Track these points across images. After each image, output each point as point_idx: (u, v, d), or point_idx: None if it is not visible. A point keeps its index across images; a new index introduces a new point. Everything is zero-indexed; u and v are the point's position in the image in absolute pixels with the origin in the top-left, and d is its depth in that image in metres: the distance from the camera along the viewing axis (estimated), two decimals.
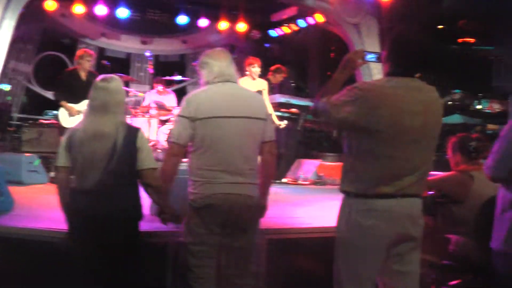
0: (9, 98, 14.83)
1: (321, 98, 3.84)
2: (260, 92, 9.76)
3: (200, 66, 4.66)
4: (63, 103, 9.61)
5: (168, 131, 9.21)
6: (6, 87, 14.69)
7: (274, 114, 10.02)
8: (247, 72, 10.30)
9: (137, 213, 4.47)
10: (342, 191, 3.83)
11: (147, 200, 4.60)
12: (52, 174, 9.44)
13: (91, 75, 9.46)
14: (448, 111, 11.48)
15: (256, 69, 10.31)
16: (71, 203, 4.36)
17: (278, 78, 11.99)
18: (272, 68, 12.07)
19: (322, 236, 5.75)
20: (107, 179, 4.25)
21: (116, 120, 4.35)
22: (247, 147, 4.44)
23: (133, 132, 4.41)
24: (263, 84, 10.46)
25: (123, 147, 4.28)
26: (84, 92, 5.00)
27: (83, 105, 8.91)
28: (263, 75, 10.69)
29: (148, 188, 4.46)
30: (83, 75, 9.86)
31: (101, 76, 4.54)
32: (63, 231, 4.62)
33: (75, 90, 9.46)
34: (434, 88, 3.79)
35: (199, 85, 4.69)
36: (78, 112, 9.26)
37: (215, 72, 4.54)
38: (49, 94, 14.26)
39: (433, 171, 3.99)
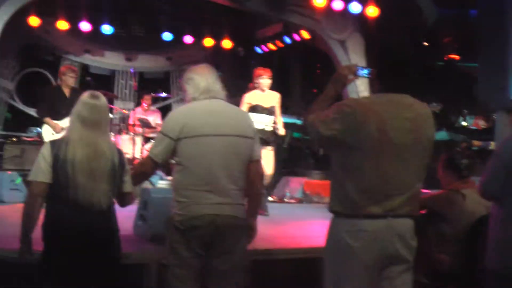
0: None
1: (311, 115, 3.74)
2: (272, 107, 9.21)
3: (185, 82, 4.53)
4: (47, 119, 9.50)
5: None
6: None
7: (282, 128, 9.47)
8: (256, 84, 9.35)
9: (118, 233, 4.42)
10: (331, 210, 3.72)
11: (130, 220, 4.50)
12: None
13: (75, 92, 9.36)
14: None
15: (265, 81, 9.24)
16: (60, 219, 4.22)
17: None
18: (250, 85, 11.97)
19: (309, 257, 5.63)
20: (106, 199, 4.21)
21: (109, 139, 4.34)
22: (234, 166, 4.31)
23: (122, 154, 4.39)
24: (274, 98, 9.40)
25: (119, 167, 4.26)
26: (68, 108, 4.90)
27: (67, 122, 8.78)
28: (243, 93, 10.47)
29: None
30: (66, 91, 9.75)
31: (88, 92, 4.43)
32: (39, 252, 4.42)
33: (59, 107, 9.35)
34: (425, 105, 3.70)
35: (184, 102, 4.58)
36: (62, 129, 9.11)
37: (201, 88, 4.42)
38: (32, 111, 14.10)
39: (423, 189, 3.89)
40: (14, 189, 9.41)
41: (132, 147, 12.17)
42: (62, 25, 13.65)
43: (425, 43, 14.61)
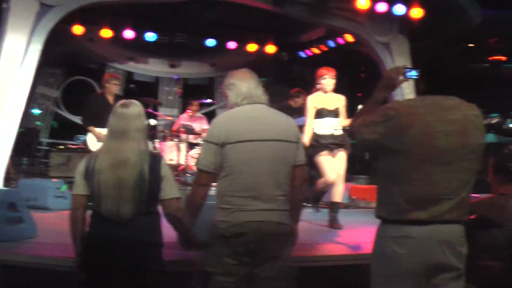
0: (38, 123, 14.87)
1: (357, 119, 3.65)
2: (337, 109, 8.45)
3: (227, 88, 4.49)
4: (91, 128, 9.58)
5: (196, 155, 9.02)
6: (36, 112, 14.75)
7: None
8: (319, 86, 8.50)
9: (160, 241, 4.31)
10: (377, 216, 3.61)
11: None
12: None
13: (119, 99, 9.36)
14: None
15: (329, 81, 8.41)
16: (93, 231, 4.20)
17: (299, 101, 11.78)
18: (292, 92, 11.89)
19: (356, 264, 5.51)
20: (135, 208, 4.11)
21: (138, 147, 4.21)
22: (279, 171, 4.24)
23: (157, 160, 4.28)
24: (340, 100, 8.57)
25: (149, 176, 4.14)
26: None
27: None
28: (284, 100, 10.30)
29: (171, 218, 4.31)
30: (110, 99, 9.83)
31: (120, 102, 4.43)
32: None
33: (103, 115, 9.35)
34: (474, 106, 3.57)
35: (227, 108, 4.51)
36: None
37: (243, 94, 4.38)
38: (77, 119, 14.27)
39: (473, 193, 3.75)
40: (59, 197, 9.42)
41: (177, 154, 12.20)
42: (106, 33, 13.78)
43: (470, 45, 14.38)
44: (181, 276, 5.31)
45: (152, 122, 11.07)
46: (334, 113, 8.42)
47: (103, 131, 9.27)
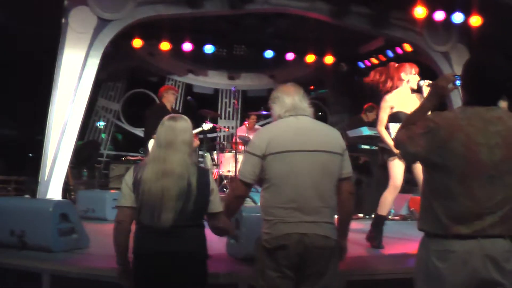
0: (103, 135, 15.15)
1: (402, 129, 3.56)
2: None
3: (272, 101, 4.45)
4: (154, 136, 9.67)
5: None
6: (101, 125, 15.05)
7: None
8: (407, 82, 7.19)
9: (205, 254, 4.28)
10: (420, 229, 3.52)
11: (224, 240, 4.45)
12: None
13: (174, 111, 9.52)
14: None
15: (414, 77, 7.17)
16: (140, 242, 4.19)
17: (371, 116, 11.73)
18: (365, 106, 11.86)
19: (407, 278, 5.38)
20: (180, 219, 4.09)
21: (185, 159, 4.20)
22: (323, 183, 4.15)
23: (205, 174, 4.28)
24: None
25: (197, 188, 4.13)
26: None
27: None
28: (358, 113, 10.07)
29: (219, 231, 4.36)
30: (169, 108, 9.94)
31: (169, 115, 4.44)
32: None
33: None
34: None
35: (272, 120, 4.48)
36: None
37: (286, 106, 4.33)
38: (138, 131, 14.48)
39: None
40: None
41: (235, 165, 12.24)
42: (165, 46, 13.97)
43: None
44: None
45: (206, 127, 11.06)
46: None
47: None
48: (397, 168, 7.09)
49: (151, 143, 9.64)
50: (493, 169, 3.25)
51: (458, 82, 3.66)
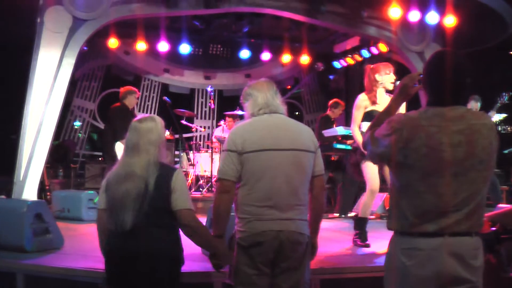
0: (79, 135, 15.10)
1: (370, 130, 3.61)
2: None
3: (244, 98, 4.48)
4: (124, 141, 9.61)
5: None
6: (77, 125, 14.99)
7: None
8: (374, 83, 7.32)
9: (172, 254, 4.24)
10: (389, 228, 3.56)
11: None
12: None
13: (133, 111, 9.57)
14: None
15: (390, 77, 7.25)
16: (107, 244, 4.25)
17: (337, 112, 11.84)
18: (330, 103, 11.92)
19: (378, 276, 5.43)
20: (140, 220, 4.10)
21: (147, 160, 4.21)
22: (297, 181, 4.20)
23: (167, 173, 4.24)
24: None
25: (154, 188, 4.13)
26: None
27: None
28: (322, 111, 10.17)
29: (186, 228, 4.25)
30: (130, 109, 9.94)
31: (137, 117, 4.47)
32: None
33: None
34: (482, 114, 3.46)
35: (245, 119, 4.49)
36: None
37: (259, 104, 4.35)
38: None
39: (502, 203, 3.66)
40: (92, 208, 9.51)
41: (211, 165, 12.27)
42: (141, 46, 13.92)
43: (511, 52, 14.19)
44: (203, 287, 5.32)
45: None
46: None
47: None
48: (370, 170, 7.10)
49: (118, 146, 9.61)
50: (457, 167, 3.30)
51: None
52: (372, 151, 3.53)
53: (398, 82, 3.79)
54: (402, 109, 6.51)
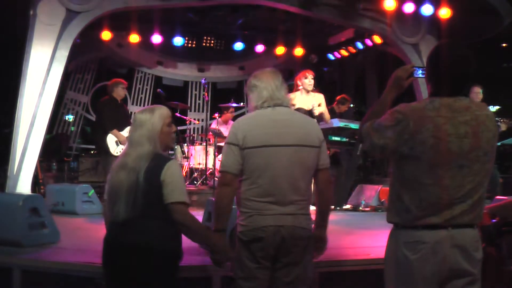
0: (72, 128, 15.03)
1: (366, 123, 3.56)
2: (312, 109, 9.39)
3: (249, 89, 4.39)
4: (115, 131, 9.57)
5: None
6: (69, 118, 14.92)
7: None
8: (300, 87, 9.60)
9: (167, 248, 4.15)
10: (389, 221, 3.53)
11: None
12: None
13: (124, 102, 9.55)
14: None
15: (308, 80, 9.57)
16: (106, 234, 4.22)
17: (343, 108, 11.86)
18: (338, 98, 11.93)
19: (378, 268, 5.40)
20: (132, 212, 4.04)
21: (139, 152, 4.15)
22: (299, 176, 4.15)
23: (159, 164, 4.13)
24: (319, 98, 9.73)
25: (144, 180, 4.06)
26: (125, 117, 4.93)
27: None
28: (328, 104, 10.25)
29: (178, 225, 4.13)
30: (120, 101, 9.89)
31: (140, 109, 4.43)
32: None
33: (119, 117, 9.49)
34: (484, 106, 3.46)
35: (248, 110, 4.44)
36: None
37: (263, 97, 4.27)
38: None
39: (501, 195, 3.65)
40: (87, 201, 9.49)
41: (205, 158, 12.22)
42: (134, 38, 13.87)
43: (504, 44, 14.20)
44: (201, 281, 5.29)
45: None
46: (310, 113, 9.27)
47: (123, 133, 9.32)
48: None
49: (109, 139, 9.57)
50: (463, 158, 3.28)
51: (419, 73, 3.66)
52: (374, 143, 3.47)
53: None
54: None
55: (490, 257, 3.56)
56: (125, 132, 9.17)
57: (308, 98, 9.62)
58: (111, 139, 9.44)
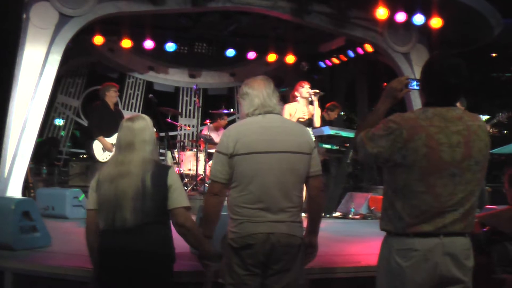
0: (62, 133, 14.99)
1: (360, 132, 3.60)
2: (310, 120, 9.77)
3: (241, 97, 4.44)
4: (101, 138, 9.61)
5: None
6: (59, 122, 14.88)
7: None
8: (298, 98, 10.08)
9: (167, 252, 4.26)
10: (382, 229, 3.57)
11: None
12: None
13: (117, 107, 9.55)
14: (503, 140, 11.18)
15: (305, 89, 10.05)
16: (101, 243, 4.21)
17: (333, 115, 11.90)
18: (328, 105, 11.95)
19: (368, 276, 5.44)
20: (136, 218, 4.09)
21: (144, 158, 4.20)
22: (289, 183, 4.18)
23: (163, 170, 4.25)
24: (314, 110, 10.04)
25: (152, 185, 4.12)
26: (116, 123, 4.95)
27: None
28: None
29: (180, 228, 4.25)
30: (112, 106, 9.88)
31: (128, 116, 4.47)
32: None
33: (109, 123, 9.51)
34: (476, 116, 3.52)
35: (240, 117, 4.47)
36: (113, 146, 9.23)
37: (255, 104, 4.31)
38: None
39: (489, 205, 3.70)
40: (77, 206, 9.48)
41: (196, 164, 12.23)
42: (126, 43, 13.88)
43: (493, 54, 14.28)
44: (193, 287, 5.29)
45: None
46: (307, 124, 9.64)
47: (111, 140, 9.33)
48: None
49: (96, 145, 9.57)
50: (455, 167, 3.33)
51: (414, 85, 3.70)
52: (368, 151, 3.53)
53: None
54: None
55: (481, 265, 3.60)
56: (114, 139, 9.18)
57: (303, 108, 9.99)
58: (97, 146, 9.47)
